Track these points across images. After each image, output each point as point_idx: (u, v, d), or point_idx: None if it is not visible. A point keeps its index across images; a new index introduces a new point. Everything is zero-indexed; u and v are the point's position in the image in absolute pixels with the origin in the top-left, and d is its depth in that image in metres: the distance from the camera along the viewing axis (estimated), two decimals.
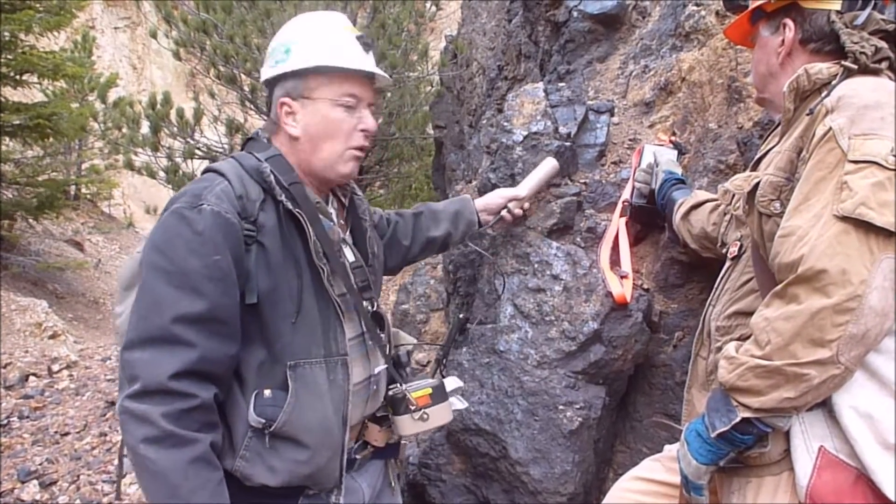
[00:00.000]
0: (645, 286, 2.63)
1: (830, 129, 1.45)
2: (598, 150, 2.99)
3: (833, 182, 1.41)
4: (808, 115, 1.55)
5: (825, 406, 1.46)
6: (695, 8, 3.19)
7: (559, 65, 4.06)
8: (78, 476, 4.43)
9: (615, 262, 2.60)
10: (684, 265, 2.61)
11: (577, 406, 2.33)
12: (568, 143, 2.82)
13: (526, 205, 2.56)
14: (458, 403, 2.02)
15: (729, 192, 1.99)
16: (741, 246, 1.86)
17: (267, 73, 1.81)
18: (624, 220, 2.69)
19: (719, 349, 1.77)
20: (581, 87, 3.49)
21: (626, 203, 2.72)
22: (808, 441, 1.46)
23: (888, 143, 1.39)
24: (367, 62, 1.80)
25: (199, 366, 1.56)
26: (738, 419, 1.47)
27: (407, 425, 1.88)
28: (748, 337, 1.56)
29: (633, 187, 2.73)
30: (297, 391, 1.68)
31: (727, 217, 2.06)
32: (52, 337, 7.68)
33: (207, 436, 1.57)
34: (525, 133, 2.81)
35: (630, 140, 3.12)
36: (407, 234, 2.33)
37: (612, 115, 3.10)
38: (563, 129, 2.90)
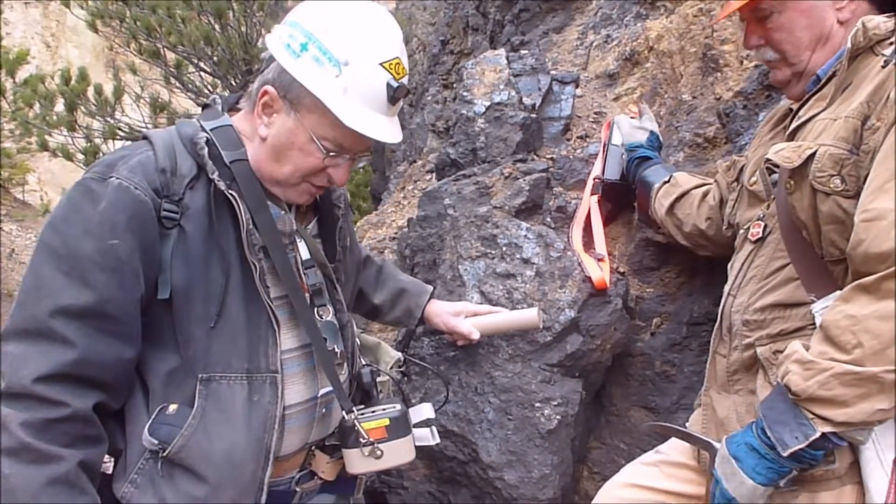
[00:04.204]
0: (620, 269, 2.44)
1: None
2: (564, 124, 2.77)
3: None
4: (884, 68, 1.33)
5: None
6: None
7: (512, 36, 3.84)
8: None
9: (588, 243, 2.40)
10: (660, 247, 2.43)
11: (555, 403, 2.12)
12: (534, 116, 2.60)
13: (475, 336, 2.04)
14: (427, 438, 1.76)
15: (736, 164, 1.80)
16: (765, 227, 1.62)
17: (272, 44, 1.47)
18: (595, 198, 2.49)
19: (749, 346, 1.56)
20: (540, 57, 3.28)
21: (597, 180, 2.51)
22: (880, 453, 1.28)
23: None
24: (383, 119, 1.47)
25: (75, 369, 1.30)
26: (816, 435, 1.26)
27: (356, 461, 1.59)
28: (791, 331, 1.37)
29: (604, 163, 2.53)
30: (205, 410, 1.41)
31: (733, 196, 1.84)
32: None
33: (77, 452, 1.31)
34: (487, 104, 2.57)
35: (595, 113, 2.91)
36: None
37: (577, 86, 2.89)
38: (526, 101, 2.68)
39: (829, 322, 1.28)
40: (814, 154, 1.40)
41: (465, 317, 2.05)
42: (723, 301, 1.70)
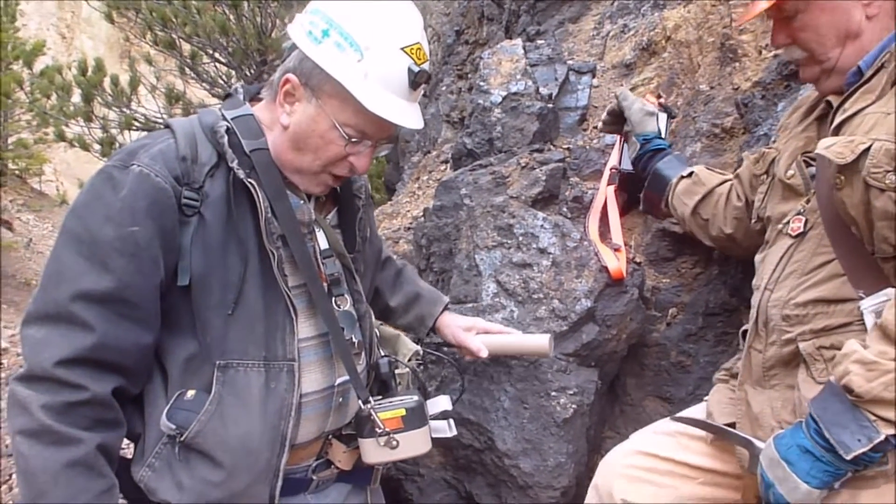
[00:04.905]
0: (636, 259, 2.44)
1: None
2: (580, 114, 2.78)
3: None
4: None
5: None
6: None
7: (528, 26, 3.83)
8: (10, 475, 4.07)
9: (604, 233, 2.40)
10: (676, 237, 2.43)
11: (571, 392, 2.13)
12: (550, 106, 2.59)
13: (483, 353, 1.95)
14: (443, 430, 1.76)
15: (766, 157, 1.77)
16: (806, 222, 1.58)
17: (294, 32, 1.48)
18: (612, 188, 2.49)
19: (788, 341, 1.54)
20: (556, 47, 3.27)
21: (613, 170, 2.51)
22: None
23: None
24: (404, 105, 1.47)
25: (95, 353, 1.32)
26: (881, 438, 1.25)
27: (371, 451, 1.59)
28: (836, 327, 1.37)
29: (621, 153, 2.53)
30: (221, 397, 1.42)
31: (762, 188, 1.79)
32: None
33: (96, 436, 1.33)
34: (504, 94, 2.58)
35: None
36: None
37: (594, 76, 2.89)
38: (543, 91, 2.68)
39: (888, 321, 1.26)
40: (868, 149, 1.35)
41: (476, 333, 2.00)
42: (758, 296, 1.66)
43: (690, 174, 2.10)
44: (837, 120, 1.49)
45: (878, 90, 1.43)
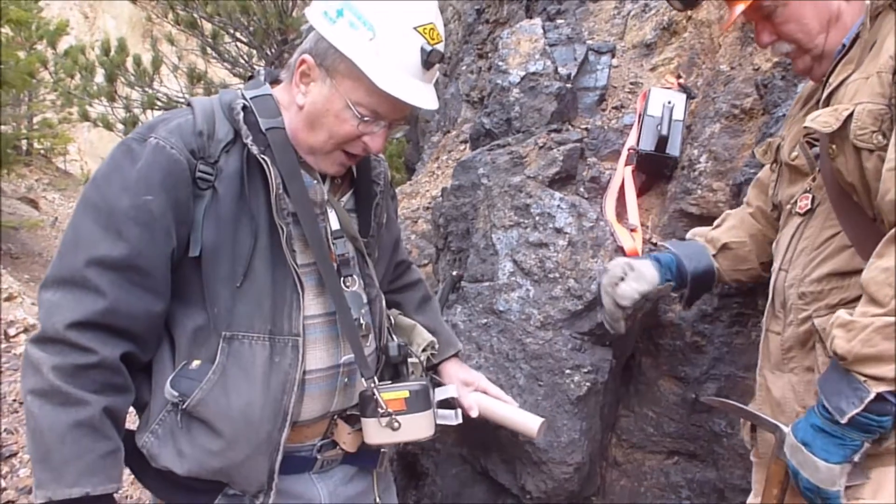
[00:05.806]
0: (653, 240, 2.44)
1: None
2: (599, 94, 2.77)
3: None
4: None
5: None
6: None
7: (549, 4, 3.81)
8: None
9: (621, 214, 2.41)
10: (693, 218, 2.43)
11: (585, 370, 2.16)
12: (569, 86, 2.59)
13: (474, 413, 1.86)
14: (450, 418, 1.76)
15: (772, 146, 1.78)
16: (813, 199, 1.58)
17: (310, 13, 1.49)
18: (630, 168, 2.49)
19: (805, 319, 1.54)
20: (576, 27, 3.25)
21: (631, 150, 2.52)
22: None
23: None
24: (417, 85, 1.46)
25: (105, 318, 1.37)
26: (871, 396, 1.25)
27: (372, 431, 1.58)
28: (851, 300, 1.35)
29: (639, 133, 2.53)
30: (225, 367, 1.45)
31: (773, 176, 1.78)
32: (8, 299, 7.31)
33: (103, 399, 1.37)
34: (522, 73, 2.58)
35: (631, 84, 2.90)
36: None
37: (613, 56, 2.88)
38: (562, 70, 2.67)
39: (867, 280, 1.27)
40: (851, 114, 1.37)
41: (473, 389, 1.91)
42: (773, 277, 1.66)
43: (722, 248, 1.96)
44: (825, 94, 1.50)
45: (856, 59, 1.45)
